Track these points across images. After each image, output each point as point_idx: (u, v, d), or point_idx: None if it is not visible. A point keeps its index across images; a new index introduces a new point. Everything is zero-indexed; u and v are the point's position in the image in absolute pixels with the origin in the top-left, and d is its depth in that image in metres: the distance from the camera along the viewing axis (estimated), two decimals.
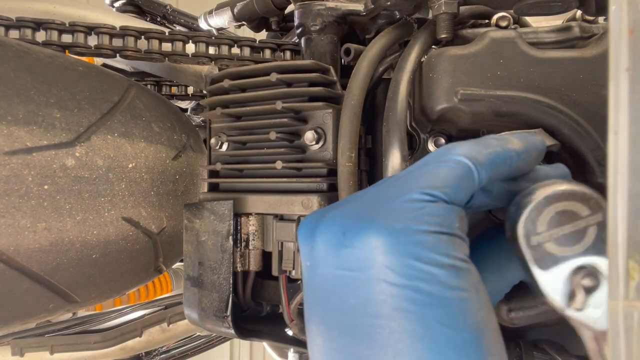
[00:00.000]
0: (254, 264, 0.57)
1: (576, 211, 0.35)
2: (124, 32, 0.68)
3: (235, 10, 0.82)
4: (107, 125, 0.58)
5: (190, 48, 0.71)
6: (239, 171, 0.60)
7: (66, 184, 0.53)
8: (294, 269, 0.53)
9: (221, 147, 0.60)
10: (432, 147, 0.60)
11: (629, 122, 0.25)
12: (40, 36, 0.65)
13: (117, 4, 1.06)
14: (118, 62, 0.92)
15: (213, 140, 0.60)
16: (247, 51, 0.71)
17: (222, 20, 0.86)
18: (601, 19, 0.59)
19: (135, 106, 0.63)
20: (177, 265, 1.25)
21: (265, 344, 1.03)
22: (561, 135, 0.48)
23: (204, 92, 0.99)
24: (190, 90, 1.06)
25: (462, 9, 0.56)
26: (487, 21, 0.61)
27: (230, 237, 0.54)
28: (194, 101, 1.08)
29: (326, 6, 0.62)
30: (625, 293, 0.25)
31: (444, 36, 0.53)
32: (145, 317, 1.04)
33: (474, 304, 0.32)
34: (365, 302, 0.33)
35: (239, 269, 0.56)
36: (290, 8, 0.77)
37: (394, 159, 0.51)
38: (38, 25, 0.65)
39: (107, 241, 0.57)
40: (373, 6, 0.60)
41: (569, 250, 0.35)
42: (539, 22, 0.60)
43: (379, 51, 0.56)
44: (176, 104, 1.06)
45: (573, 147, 0.48)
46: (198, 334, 1.18)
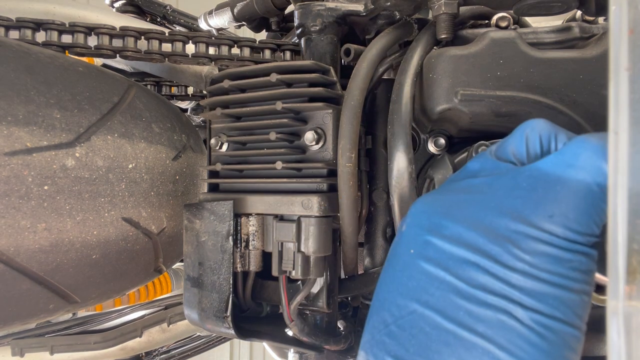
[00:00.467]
0: (254, 264, 0.57)
1: None
2: (124, 32, 0.68)
3: (235, 11, 0.82)
4: (107, 126, 0.58)
5: (190, 48, 0.71)
6: (239, 171, 0.60)
7: (66, 184, 0.53)
8: (293, 269, 0.53)
9: (221, 147, 0.60)
10: (432, 147, 0.60)
11: (629, 122, 0.25)
12: (40, 36, 0.65)
13: (117, 4, 1.06)
14: (118, 63, 0.92)
15: (213, 141, 0.60)
16: (247, 51, 0.71)
17: (222, 21, 0.86)
18: (601, 19, 0.59)
19: (135, 106, 0.63)
20: (177, 265, 1.25)
21: (265, 344, 1.03)
22: None
23: (204, 92, 0.99)
24: (190, 90, 1.06)
25: (462, 9, 0.56)
26: (487, 21, 0.61)
27: (230, 238, 0.54)
28: (194, 101, 1.07)
29: (326, 6, 0.62)
30: (625, 293, 0.25)
31: (444, 36, 0.53)
32: (145, 317, 1.04)
33: None
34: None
35: (239, 269, 0.56)
36: (290, 8, 0.77)
37: (399, 161, 0.51)
38: (38, 25, 0.65)
39: (107, 241, 0.57)
40: (373, 7, 0.60)
41: None
42: (538, 23, 0.60)
43: (379, 52, 0.56)
44: (176, 104, 1.05)
45: None
46: (198, 334, 1.18)
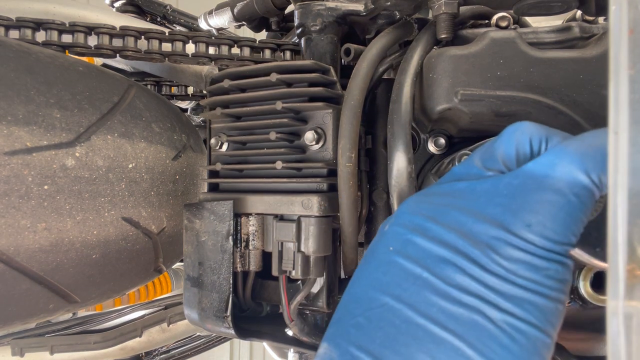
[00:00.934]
0: (254, 264, 0.57)
1: None
2: (124, 32, 0.68)
3: (235, 11, 0.82)
4: (107, 126, 0.58)
5: (190, 48, 0.71)
6: (239, 171, 0.60)
7: (66, 184, 0.53)
8: (294, 269, 0.53)
9: (221, 147, 0.60)
10: (432, 147, 0.60)
11: (629, 122, 0.25)
12: (40, 36, 0.65)
13: (117, 4, 1.06)
14: (118, 62, 0.92)
15: (213, 141, 0.60)
16: (247, 51, 0.71)
17: (222, 21, 0.86)
18: (601, 19, 0.59)
19: (135, 106, 0.63)
20: (177, 265, 1.25)
21: (265, 344, 1.03)
22: None
23: (204, 92, 0.99)
24: (190, 90, 1.06)
25: (462, 9, 0.56)
26: (487, 21, 0.61)
27: (230, 238, 0.54)
28: (194, 101, 1.07)
29: (326, 6, 0.62)
30: (625, 293, 0.25)
31: (444, 36, 0.53)
32: (145, 317, 1.04)
33: None
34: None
35: (239, 269, 0.56)
36: (290, 8, 0.77)
37: (399, 161, 0.51)
38: (38, 25, 0.65)
39: (107, 241, 0.57)
40: (373, 6, 0.60)
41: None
42: (539, 22, 0.60)
43: (379, 51, 0.56)
44: (176, 104, 1.05)
45: None
46: (198, 334, 1.18)
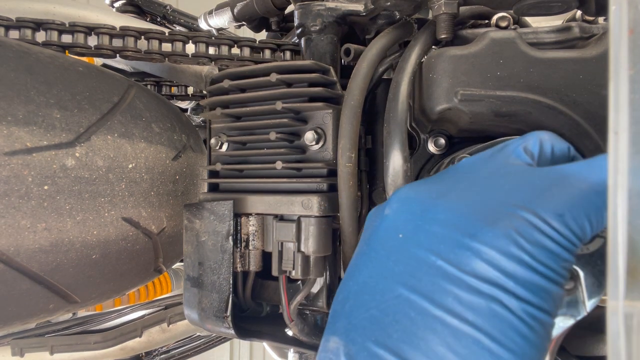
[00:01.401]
0: (254, 264, 0.57)
1: None
2: (124, 32, 0.68)
3: (235, 11, 0.82)
4: (107, 126, 0.58)
5: (190, 48, 0.71)
6: (239, 171, 0.60)
7: (66, 184, 0.53)
8: (293, 269, 0.53)
9: (221, 147, 0.60)
10: (432, 147, 0.60)
11: (629, 122, 0.25)
12: (40, 36, 0.65)
13: (117, 4, 1.06)
14: (118, 62, 0.92)
15: (213, 141, 0.60)
16: (247, 51, 0.71)
17: (222, 21, 0.86)
18: (601, 19, 0.59)
19: (135, 106, 0.63)
20: (177, 265, 1.25)
21: (265, 344, 1.03)
22: (561, 136, 0.48)
23: (204, 92, 0.99)
24: (190, 90, 1.06)
25: (462, 9, 0.56)
26: (487, 21, 0.61)
27: (230, 238, 0.54)
28: (194, 101, 1.08)
29: (326, 6, 0.62)
30: (625, 293, 0.25)
31: (443, 36, 0.53)
32: (145, 317, 1.04)
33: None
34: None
35: (239, 269, 0.56)
36: (290, 8, 0.77)
37: (395, 160, 0.51)
38: (38, 25, 0.65)
39: (107, 241, 0.57)
40: (373, 6, 0.60)
41: (591, 247, 0.40)
42: (538, 22, 0.60)
43: (379, 51, 0.56)
44: (176, 104, 1.06)
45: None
46: (198, 334, 1.18)
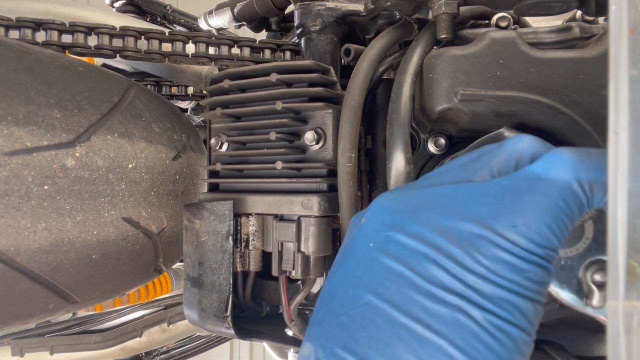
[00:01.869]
0: (254, 264, 0.57)
1: None
2: (124, 32, 0.68)
3: (235, 11, 0.82)
4: (107, 126, 0.58)
5: (190, 48, 0.71)
6: (239, 171, 0.60)
7: (66, 184, 0.53)
8: (293, 269, 0.53)
9: (221, 147, 0.60)
10: (432, 147, 0.60)
11: (629, 122, 0.25)
12: (40, 36, 0.65)
13: (117, 4, 1.06)
14: (118, 62, 0.92)
15: (213, 141, 0.60)
16: (247, 51, 0.71)
17: (222, 21, 0.86)
18: (601, 19, 0.59)
19: (135, 106, 0.63)
20: (177, 265, 1.25)
21: (265, 344, 1.03)
22: (561, 136, 0.48)
23: (204, 92, 0.99)
24: (190, 90, 1.06)
25: (462, 9, 0.56)
26: (487, 21, 0.61)
27: (230, 238, 0.54)
28: (194, 101, 1.07)
29: (326, 6, 0.62)
30: (625, 293, 0.25)
31: (444, 36, 0.53)
32: (145, 317, 1.03)
33: None
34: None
35: (239, 269, 0.56)
36: (290, 8, 0.77)
37: (397, 161, 0.51)
38: (38, 25, 0.65)
39: (107, 241, 0.57)
40: (373, 6, 0.60)
41: (572, 250, 0.36)
42: (539, 23, 0.60)
43: (379, 51, 0.56)
44: (176, 104, 1.05)
45: None
46: (198, 334, 1.18)
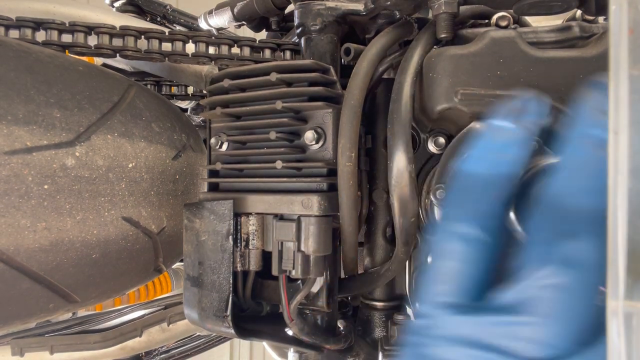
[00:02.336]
0: (254, 264, 0.57)
1: None
2: (124, 32, 0.68)
3: (235, 10, 0.82)
4: (107, 125, 0.58)
5: (190, 48, 0.71)
6: (239, 171, 0.60)
7: (66, 183, 0.53)
8: (293, 268, 0.53)
9: (221, 146, 0.60)
10: (432, 147, 0.60)
11: (629, 122, 0.25)
12: (40, 36, 0.65)
13: (117, 4, 1.06)
14: (118, 62, 0.92)
15: (213, 140, 0.60)
16: (247, 51, 0.71)
17: (222, 20, 0.86)
18: (601, 18, 0.59)
19: (135, 106, 0.63)
20: (177, 265, 1.25)
21: (265, 344, 1.03)
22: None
23: (204, 92, 0.99)
24: (190, 90, 1.06)
25: (462, 8, 0.56)
26: (487, 21, 0.61)
27: (230, 237, 0.54)
28: (194, 101, 1.07)
29: (326, 6, 0.62)
30: (625, 293, 0.25)
31: (444, 36, 0.53)
32: (145, 317, 1.03)
33: None
34: None
35: (239, 268, 0.56)
36: (290, 8, 0.77)
37: (399, 161, 0.51)
38: (38, 25, 0.65)
39: (107, 241, 0.57)
40: (373, 6, 0.60)
41: None
42: (539, 22, 0.60)
43: (379, 51, 0.56)
44: (176, 104, 1.05)
45: None
46: (198, 334, 1.18)
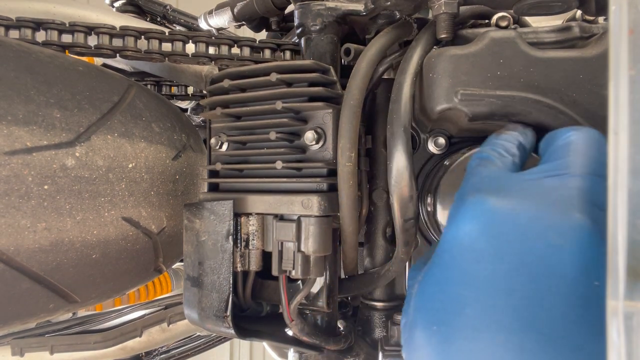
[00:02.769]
0: (254, 264, 0.57)
1: None
2: (124, 32, 0.68)
3: (235, 10, 0.82)
4: (107, 125, 0.58)
5: (190, 48, 0.71)
6: (239, 171, 0.60)
7: (66, 184, 0.53)
8: (293, 268, 0.53)
9: (221, 147, 0.60)
10: (432, 147, 0.60)
11: (629, 122, 0.25)
12: (40, 36, 0.65)
13: (117, 4, 1.06)
14: (118, 62, 0.92)
15: (213, 140, 0.60)
16: (247, 51, 0.71)
17: (222, 20, 0.86)
18: (601, 19, 0.59)
19: (135, 106, 0.63)
20: (177, 265, 1.25)
21: (265, 344, 1.03)
22: None
23: (204, 92, 0.99)
24: (190, 90, 1.06)
25: (462, 9, 0.56)
26: (487, 21, 0.61)
27: (230, 237, 0.54)
28: (194, 101, 1.07)
29: (326, 6, 0.62)
30: (625, 293, 0.25)
31: (444, 36, 0.53)
32: (145, 317, 1.03)
33: None
34: None
35: (239, 269, 0.56)
36: (290, 8, 0.77)
37: (399, 161, 0.51)
38: (38, 25, 0.65)
39: (107, 241, 0.57)
40: (373, 6, 0.60)
41: None
42: (539, 22, 0.60)
43: (379, 51, 0.56)
44: (176, 104, 1.05)
45: None
46: (198, 334, 1.18)
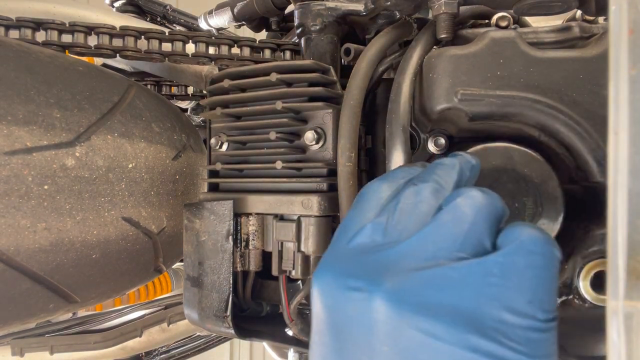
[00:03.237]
0: (254, 264, 0.57)
1: None
2: (124, 32, 0.68)
3: (235, 11, 0.82)
4: (107, 125, 0.58)
5: (190, 48, 0.71)
6: (239, 171, 0.60)
7: (66, 184, 0.53)
8: (293, 269, 0.53)
9: (221, 147, 0.60)
10: (432, 147, 0.60)
11: (629, 122, 0.25)
12: (40, 36, 0.65)
13: (117, 4, 1.06)
14: (118, 62, 0.92)
15: (213, 140, 0.60)
16: (247, 51, 0.71)
17: (222, 20, 0.86)
18: (601, 19, 0.59)
19: (135, 106, 0.63)
20: (177, 265, 1.25)
21: (265, 344, 1.03)
22: (561, 135, 0.48)
23: (204, 92, 0.99)
24: (190, 90, 1.06)
25: (462, 9, 0.56)
26: (487, 21, 0.61)
27: (230, 237, 0.54)
28: (194, 101, 1.07)
29: (326, 6, 0.62)
30: (625, 293, 0.25)
31: (444, 36, 0.53)
32: (145, 317, 1.03)
33: None
34: None
35: (238, 269, 0.56)
36: (290, 8, 0.77)
37: (397, 161, 0.51)
38: (38, 25, 0.65)
39: (107, 241, 0.57)
40: (373, 6, 0.60)
41: None
42: (538, 22, 0.60)
43: (379, 51, 0.56)
44: (176, 104, 1.05)
45: (573, 147, 0.48)
46: (198, 334, 1.18)
